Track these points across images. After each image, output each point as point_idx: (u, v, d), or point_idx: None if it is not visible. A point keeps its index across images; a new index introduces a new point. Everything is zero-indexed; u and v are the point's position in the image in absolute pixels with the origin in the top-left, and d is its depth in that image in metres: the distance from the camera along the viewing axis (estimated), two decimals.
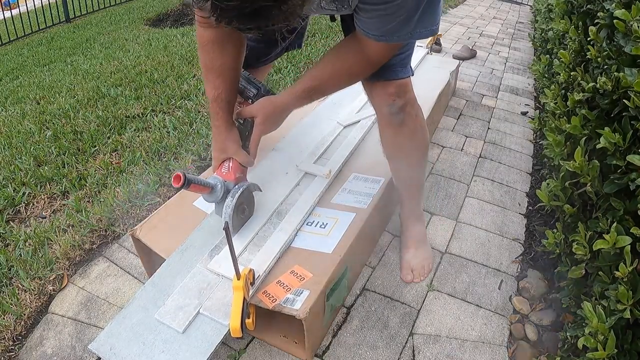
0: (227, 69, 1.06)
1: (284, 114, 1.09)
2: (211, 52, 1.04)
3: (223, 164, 1.11)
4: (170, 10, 5.34)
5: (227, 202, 1.07)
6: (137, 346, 0.93)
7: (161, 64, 3.00)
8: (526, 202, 1.72)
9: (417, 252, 1.35)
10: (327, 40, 3.35)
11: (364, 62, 0.99)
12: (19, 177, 1.76)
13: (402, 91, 1.11)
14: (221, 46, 1.03)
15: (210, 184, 1.05)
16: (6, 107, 2.74)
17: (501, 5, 6.04)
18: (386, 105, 1.13)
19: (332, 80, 1.04)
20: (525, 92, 2.83)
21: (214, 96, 1.07)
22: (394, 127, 1.17)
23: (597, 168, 1.00)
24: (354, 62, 1.00)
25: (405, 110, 1.14)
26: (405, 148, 1.22)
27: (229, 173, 1.10)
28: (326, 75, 1.04)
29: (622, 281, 0.81)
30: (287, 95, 1.07)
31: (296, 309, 0.97)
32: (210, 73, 1.06)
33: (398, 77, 1.09)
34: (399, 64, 1.09)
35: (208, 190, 1.05)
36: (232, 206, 1.06)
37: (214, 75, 1.06)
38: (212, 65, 1.05)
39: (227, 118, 1.09)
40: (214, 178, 1.07)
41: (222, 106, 1.08)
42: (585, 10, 1.51)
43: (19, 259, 1.36)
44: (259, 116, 1.06)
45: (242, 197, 1.10)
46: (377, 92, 1.12)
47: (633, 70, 0.92)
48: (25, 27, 5.37)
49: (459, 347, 1.14)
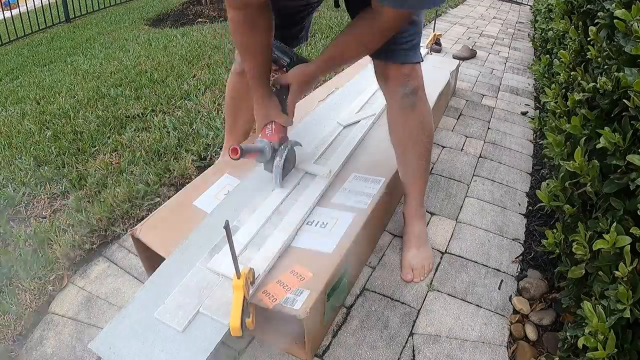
0: (260, 46, 1.15)
1: (314, 80, 1.23)
2: (244, 33, 1.12)
3: (267, 126, 1.24)
4: (170, 10, 5.34)
5: (275, 162, 1.24)
6: (136, 345, 0.93)
7: (161, 64, 3.00)
8: (526, 202, 1.72)
9: (418, 252, 1.35)
10: (327, 40, 3.35)
11: (376, 31, 1.05)
12: (19, 177, 1.76)
13: (414, 74, 1.20)
14: (252, 26, 1.11)
15: (259, 148, 1.20)
16: (6, 107, 2.74)
17: (501, 5, 6.04)
18: (400, 86, 1.20)
19: (349, 49, 1.13)
20: (525, 92, 2.83)
21: (252, 71, 1.18)
22: (406, 111, 1.23)
23: (597, 168, 1.00)
24: (367, 32, 1.06)
25: (418, 93, 1.22)
26: (415, 134, 1.27)
27: (273, 134, 1.23)
28: (344, 45, 1.12)
29: (622, 281, 0.81)
30: (315, 65, 1.19)
31: (296, 309, 0.97)
32: (245, 52, 1.17)
33: (411, 61, 1.19)
34: (410, 49, 1.17)
35: (259, 154, 1.21)
36: (281, 166, 1.24)
37: (250, 55, 1.17)
38: (247, 45, 1.15)
39: (266, 87, 1.21)
40: (261, 141, 1.21)
41: (260, 78, 1.19)
42: (585, 10, 1.51)
43: (19, 259, 1.36)
44: (294, 83, 1.19)
45: (287, 155, 1.27)
46: (392, 74, 1.20)
47: (633, 70, 0.92)
48: (25, 27, 5.37)
49: (459, 347, 1.14)
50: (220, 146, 1.85)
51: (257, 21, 1.10)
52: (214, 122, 2.08)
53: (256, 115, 1.25)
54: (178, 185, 1.68)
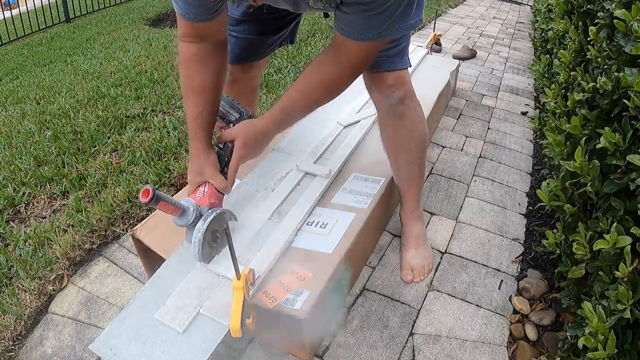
0: (208, 87, 1.02)
1: (265, 138, 1.04)
2: (193, 69, 1.00)
3: (198, 188, 1.04)
4: (170, 10, 5.33)
5: (197, 226, 0.98)
6: (137, 346, 0.93)
7: (161, 64, 3.00)
8: (526, 202, 1.72)
9: (418, 252, 1.35)
10: (326, 40, 3.35)
11: (342, 69, 0.95)
12: (19, 177, 1.76)
13: (400, 82, 1.13)
14: (203, 63, 1.00)
15: (182, 206, 0.97)
16: (6, 107, 2.74)
17: (501, 5, 6.04)
18: (385, 97, 1.14)
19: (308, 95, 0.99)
20: (525, 92, 2.83)
21: (193, 115, 1.02)
22: (394, 120, 1.19)
23: (597, 168, 1.00)
24: (330, 71, 0.95)
25: (405, 102, 1.16)
26: (405, 142, 1.24)
27: (204, 198, 1.02)
28: (302, 90, 0.99)
29: (622, 281, 0.81)
30: (266, 118, 1.02)
31: (296, 309, 0.98)
32: (191, 90, 1.02)
33: (396, 68, 1.11)
34: (396, 55, 1.10)
35: (179, 212, 0.97)
36: (203, 230, 0.97)
37: (195, 93, 1.02)
38: (193, 82, 1.01)
39: (206, 139, 1.04)
40: (187, 201, 1.00)
41: (202, 125, 1.03)
42: (585, 10, 1.51)
43: (19, 259, 1.36)
44: (239, 139, 1.01)
45: (215, 223, 1.01)
46: (376, 84, 1.14)
47: (633, 70, 0.92)
48: (25, 27, 5.37)
49: (459, 347, 1.14)
50: None
51: (209, 58, 1.00)
52: None
53: (189, 170, 1.05)
54: (178, 185, 1.68)
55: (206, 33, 0.98)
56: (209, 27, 0.97)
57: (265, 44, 1.30)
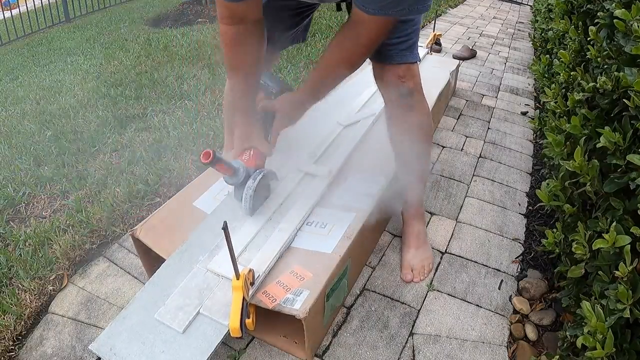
0: (250, 64, 1.11)
1: (301, 109, 1.17)
2: (234, 49, 1.08)
3: (245, 151, 1.16)
4: (170, 10, 5.33)
5: (248, 184, 1.13)
6: (137, 346, 0.93)
7: (161, 64, 3.00)
8: (526, 202, 1.72)
9: (418, 252, 1.35)
10: (327, 40, 3.35)
11: (359, 45, 1.02)
12: (19, 177, 1.76)
13: (410, 74, 1.17)
14: (243, 43, 1.07)
15: (234, 167, 1.10)
16: (6, 107, 2.73)
17: (501, 5, 6.04)
18: (396, 88, 1.18)
19: (333, 69, 1.08)
20: (525, 92, 2.83)
21: (239, 90, 1.13)
22: (404, 112, 1.22)
23: (596, 168, 1.00)
24: (350, 47, 1.03)
25: (414, 94, 1.20)
26: (413, 135, 1.26)
27: (251, 160, 1.15)
28: (327, 65, 1.08)
29: (622, 281, 0.81)
30: (300, 92, 1.15)
31: (296, 309, 0.98)
32: (234, 69, 1.12)
33: (407, 61, 1.16)
34: (407, 49, 1.15)
35: (231, 172, 1.11)
36: (253, 188, 1.13)
37: (238, 71, 1.11)
38: (236, 62, 1.11)
39: (252, 110, 1.16)
40: (237, 162, 1.13)
41: (246, 98, 1.14)
42: (585, 10, 1.51)
43: (19, 259, 1.36)
44: (279, 111, 1.15)
45: (262, 182, 1.17)
46: (387, 75, 1.17)
47: (633, 70, 0.92)
48: (25, 27, 5.37)
49: (459, 347, 1.14)
50: (220, 146, 1.85)
51: (248, 38, 1.07)
52: (214, 122, 2.08)
53: (236, 138, 1.17)
54: (178, 185, 1.68)
55: (244, 13, 1.03)
56: (247, 7, 1.02)
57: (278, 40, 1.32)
